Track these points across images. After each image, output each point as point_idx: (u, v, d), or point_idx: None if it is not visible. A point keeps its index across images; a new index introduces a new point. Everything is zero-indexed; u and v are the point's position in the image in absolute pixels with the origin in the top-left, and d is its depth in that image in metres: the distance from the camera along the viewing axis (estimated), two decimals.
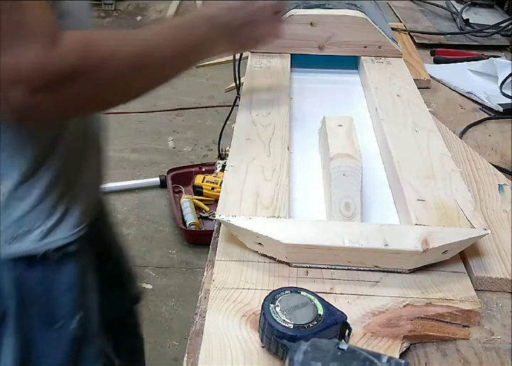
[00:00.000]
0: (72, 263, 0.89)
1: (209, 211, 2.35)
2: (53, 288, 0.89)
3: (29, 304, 0.89)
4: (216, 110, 3.22)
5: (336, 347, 0.48)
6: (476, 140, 1.03)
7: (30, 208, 0.82)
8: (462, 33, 1.52)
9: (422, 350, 0.59)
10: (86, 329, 0.94)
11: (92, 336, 0.97)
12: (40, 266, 0.85)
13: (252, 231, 0.65)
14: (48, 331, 0.91)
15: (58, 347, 0.93)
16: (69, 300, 0.91)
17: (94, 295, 0.97)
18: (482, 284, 0.67)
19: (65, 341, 0.93)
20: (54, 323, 0.91)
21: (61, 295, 0.90)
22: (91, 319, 0.96)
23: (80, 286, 0.92)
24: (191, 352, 0.57)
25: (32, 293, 0.88)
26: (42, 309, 0.90)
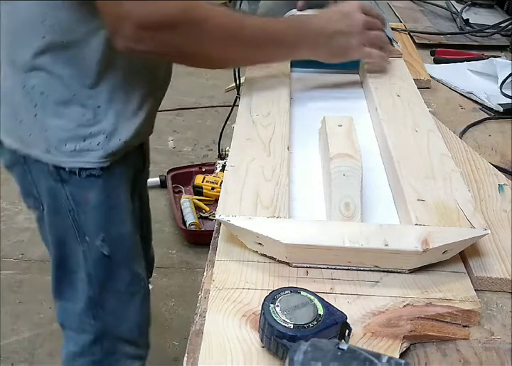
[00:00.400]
0: (103, 183, 0.98)
1: (209, 211, 2.35)
2: (83, 204, 0.98)
3: (62, 214, 1.00)
4: (216, 110, 3.22)
5: (336, 347, 0.48)
6: (476, 140, 1.03)
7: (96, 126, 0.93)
8: (462, 33, 1.52)
9: (422, 350, 0.59)
10: (116, 250, 1.03)
11: (123, 259, 1.06)
12: (77, 181, 0.96)
13: (252, 231, 0.65)
14: (79, 244, 1.01)
15: (88, 261, 1.03)
16: (95, 219, 1.00)
17: (126, 221, 1.05)
18: (482, 284, 0.67)
19: (94, 256, 1.02)
20: (83, 237, 1.01)
21: (89, 212, 0.99)
22: (121, 242, 1.04)
23: (107, 207, 1.00)
24: (191, 352, 0.57)
25: (65, 205, 0.98)
26: (74, 222, 1.00)
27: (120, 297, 1.08)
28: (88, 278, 1.05)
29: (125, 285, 1.08)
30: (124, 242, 1.05)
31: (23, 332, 1.90)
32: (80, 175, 0.95)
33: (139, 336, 1.17)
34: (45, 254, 2.16)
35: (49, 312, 1.95)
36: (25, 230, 2.35)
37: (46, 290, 2.06)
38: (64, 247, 1.03)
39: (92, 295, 1.06)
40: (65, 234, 1.01)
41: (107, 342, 1.13)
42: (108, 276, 1.05)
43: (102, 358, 1.14)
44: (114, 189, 1.00)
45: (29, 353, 1.82)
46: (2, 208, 2.48)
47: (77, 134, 0.93)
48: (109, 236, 1.01)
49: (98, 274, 1.04)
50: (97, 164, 0.95)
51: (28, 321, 1.93)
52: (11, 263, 2.18)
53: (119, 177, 1.00)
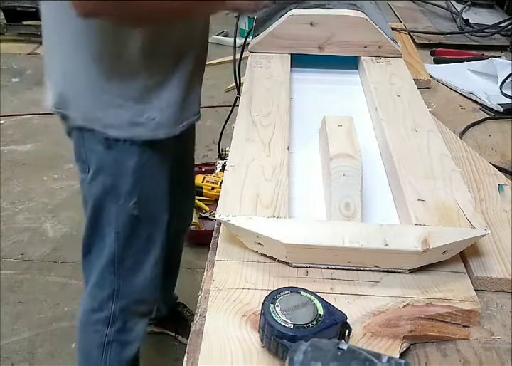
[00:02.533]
0: (142, 152, 1.09)
1: (209, 211, 2.35)
2: (122, 169, 1.11)
3: (104, 177, 1.12)
4: (216, 110, 3.22)
5: (335, 347, 0.48)
6: (476, 140, 1.03)
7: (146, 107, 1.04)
8: (462, 33, 1.52)
9: (422, 350, 0.59)
10: (144, 213, 1.16)
11: (151, 221, 1.19)
12: (121, 148, 1.08)
13: (252, 231, 0.65)
14: (114, 204, 1.14)
15: (119, 220, 1.16)
16: (131, 183, 1.12)
17: (158, 189, 1.18)
18: (482, 284, 0.67)
19: (124, 216, 1.15)
20: (118, 199, 1.13)
21: (127, 176, 1.11)
22: (149, 207, 1.17)
23: (143, 174, 1.12)
24: (191, 352, 0.57)
25: (108, 168, 1.11)
26: (113, 184, 1.13)
27: (138, 254, 1.22)
28: (116, 236, 1.18)
29: (143, 243, 1.21)
30: (153, 206, 1.19)
31: (23, 332, 1.90)
32: (125, 143, 1.07)
33: (150, 293, 1.30)
34: (45, 254, 2.17)
35: (49, 312, 1.95)
36: (25, 230, 2.35)
37: (46, 290, 2.06)
38: (100, 206, 1.16)
39: (116, 251, 1.20)
40: (104, 195, 1.14)
41: (122, 299, 1.26)
42: (132, 234, 1.19)
43: (115, 314, 1.27)
44: (152, 159, 1.12)
45: (29, 353, 1.82)
46: (2, 209, 2.48)
47: (130, 113, 1.05)
48: (141, 199, 1.14)
49: (125, 233, 1.18)
50: (144, 137, 1.07)
51: (28, 321, 1.93)
52: (11, 263, 2.18)
53: (158, 148, 1.11)
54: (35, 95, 3.39)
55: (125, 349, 1.33)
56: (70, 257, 2.19)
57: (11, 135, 3.08)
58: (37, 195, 2.59)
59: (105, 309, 1.27)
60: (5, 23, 4.29)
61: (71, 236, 2.31)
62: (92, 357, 1.33)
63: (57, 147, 2.89)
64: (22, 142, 3.03)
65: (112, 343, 1.30)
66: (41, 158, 2.86)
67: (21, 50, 4.16)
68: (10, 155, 2.89)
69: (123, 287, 1.25)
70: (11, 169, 2.78)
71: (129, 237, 1.18)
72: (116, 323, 1.28)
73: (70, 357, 1.81)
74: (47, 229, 2.35)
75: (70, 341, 1.86)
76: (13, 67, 3.87)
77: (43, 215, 2.45)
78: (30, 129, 3.15)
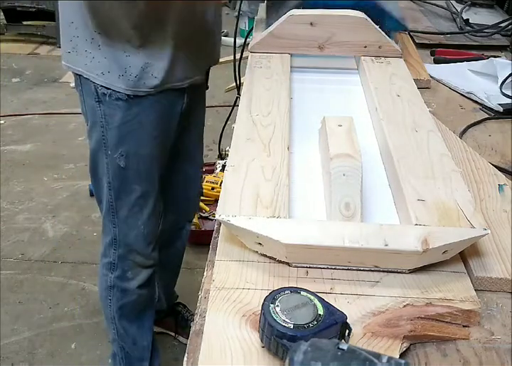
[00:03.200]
0: (128, 107, 1.19)
1: (209, 211, 2.35)
2: (109, 123, 1.21)
3: (97, 129, 1.23)
4: (216, 110, 3.22)
5: (336, 347, 0.48)
6: (476, 140, 1.03)
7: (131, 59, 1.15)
8: (462, 33, 1.52)
9: (422, 350, 0.59)
10: (131, 166, 1.25)
11: (136, 175, 1.27)
12: (109, 102, 1.19)
13: (252, 231, 0.65)
14: (104, 155, 1.25)
15: (109, 170, 1.26)
16: (117, 135, 1.22)
17: (146, 144, 1.25)
18: (482, 284, 0.67)
19: (112, 167, 1.25)
20: (107, 150, 1.24)
21: (113, 129, 1.21)
22: (136, 160, 1.25)
23: (128, 129, 1.21)
24: (191, 352, 0.57)
25: (99, 121, 1.22)
26: (103, 136, 1.23)
27: (131, 208, 1.31)
28: (108, 185, 1.28)
29: (135, 198, 1.30)
30: (139, 161, 1.26)
31: (23, 332, 1.90)
32: (111, 97, 1.18)
33: (145, 247, 1.39)
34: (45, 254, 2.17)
35: (49, 312, 1.96)
36: (25, 230, 2.35)
37: (46, 290, 2.06)
38: (95, 156, 1.28)
39: (110, 200, 1.30)
40: (97, 146, 1.25)
41: (121, 248, 1.37)
42: (122, 187, 1.28)
43: (116, 261, 1.39)
44: (138, 115, 1.21)
45: (29, 353, 1.82)
46: (2, 209, 2.48)
47: (116, 64, 1.16)
48: (127, 152, 1.23)
49: (115, 183, 1.28)
50: (127, 91, 1.17)
51: (28, 321, 1.93)
52: (11, 263, 2.18)
53: (146, 106, 1.20)
54: (35, 95, 3.40)
55: (124, 296, 1.44)
56: (70, 257, 2.19)
57: (11, 135, 3.08)
58: (37, 195, 2.59)
59: (108, 255, 1.40)
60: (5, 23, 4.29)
61: (71, 236, 2.32)
62: (102, 297, 1.49)
63: (57, 147, 2.89)
64: (22, 142, 3.03)
65: (113, 288, 1.43)
66: (41, 158, 2.86)
67: (21, 50, 4.16)
68: (10, 155, 2.89)
69: (119, 236, 1.36)
70: (11, 169, 2.78)
71: (121, 188, 1.28)
72: (116, 270, 1.41)
73: (70, 357, 1.82)
74: (47, 229, 2.35)
75: (70, 341, 1.86)
76: (13, 67, 3.87)
77: (43, 215, 2.45)
78: (30, 129, 3.15)
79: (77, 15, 1.15)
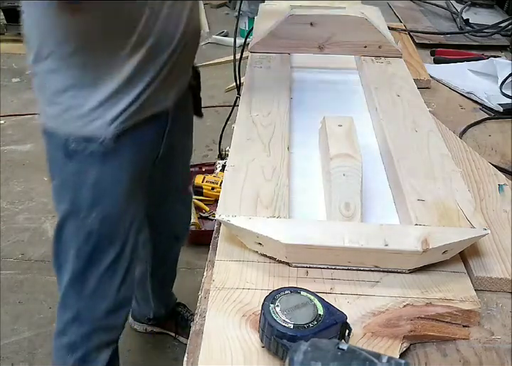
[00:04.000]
0: (103, 161, 1.00)
1: (209, 211, 2.35)
2: (82, 181, 1.02)
3: (66, 188, 1.05)
4: (216, 110, 3.21)
5: (335, 347, 0.48)
6: (476, 140, 1.03)
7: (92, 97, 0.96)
8: (462, 32, 1.52)
9: (422, 350, 0.59)
10: (108, 229, 1.07)
11: (111, 237, 1.09)
12: (81, 158, 1.00)
13: (252, 231, 0.65)
14: (74, 217, 1.06)
15: (79, 235, 1.07)
16: (91, 195, 1.03)
17: (123, 201, 1.07)
18: (482, 284, 0.67)
19: (84, 230, 1.06)
20: (78, 212, 1.05)
21: (87, 188, 1.02)
22: (113, 221, 1.07)
23: (104, 187, 1.03)
24: (191, 352, 0.57)
25: (70, 179, 1.04)
26: (73, 196, 1.04)
27: (103, 274, 1.12)
28: (77, 252, 1.09)
29: (109, 263, 1.11)
30: (114, 221, 1.08)
31: (23, 332, 1.89)
32: (83, 152, 0.99)
33: (115, 319, 1.19)
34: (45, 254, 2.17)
35: (49, 312, 1.95)
36: (25, 230, 2.35)
37: (46, 290, 2.06)
38: (63, 220, 1.09)
39: (77, 268, 1.11)
40: (66, 208, 1.07)
41: (86, 325, 1.17)
42: (94, 252, 1.09)
43: (78, 340, 1.17)
44: (115, 169, 1.02)
45: (29, 353, 1.82)
46: (2, 209, 2.48)
47: (78, 106, 0.98)
48: (102, 214, 1.05)
49: (86, 249, 1.08)
50: (99, 133, 0.98)
51: (28, 321, 1.93)
52: (11, 263, 2.18)
53: (123, 157, 1.02)
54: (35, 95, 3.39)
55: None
56: None
57: (11, 135, 3.08)
58: (37, 195, 2.58)
59: (68, 333, 1.18)
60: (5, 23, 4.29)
61: None
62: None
63: None
64: (22, 142, 3.03)
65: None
66: (41, 158, 2.84)
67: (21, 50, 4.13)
68: (10, 155, 2.89)
69: (85, 311, 1.15)
70: (11, 169, 2.77)
71: (92, 254, 1.09)
72: (76, 352, 1.18)
73: None
74: (47, 229, 2.35)
75: None
76: (13, 67, 3.87)
77: (43, 215, 2.45)
78: (30, 129, 3.15)
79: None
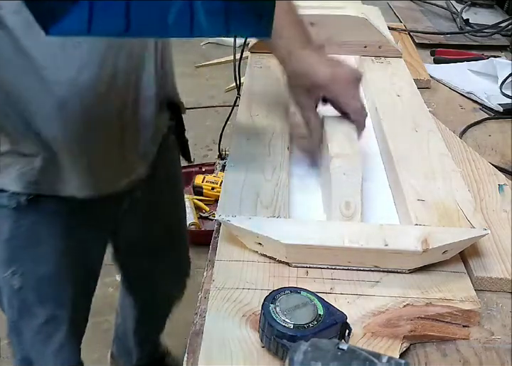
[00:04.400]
0: (18, 216, 0.88)
1: (209, 211, 2.35)
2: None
3: None
4: (216, 110, 3.22)
5: (336, 347, 0.48)
6: (476, 140, 1.03)
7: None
8: (462, 32, 1.52)
9: (422, 350, 0.59)
10: (29, 287, 0.95)
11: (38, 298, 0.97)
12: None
13: (252, 231, 0.65)
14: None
15: (3, 291, 0.97)
16: (5, 252, 0.92)
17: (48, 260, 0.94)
18: (482, 284, 0.67)
19: (6, 287, 0.96)
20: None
21: (1, 242, 0.91)
22: (37, 280, 0.95)
23: (21, 243, 0.91)
24: (191, 352, 0.57)
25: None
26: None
27: (35, 335, 1.02)
28: (8, 302, 0.99)
29: (40, 325, 1.01)
30: (41, 281, 0.96)
31: None
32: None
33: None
34: None
35: None
36: None
37: None
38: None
39: (12, 318, 1.01)
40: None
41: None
42: (21, 311, 0.99)
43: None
44: (33, 225, 0.90)
45: None
46: None
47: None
48: (22, 271, 0.93)
49: (14, 303, 0.98)
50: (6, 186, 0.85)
51: None
52: None
53: (43, 212, 0.89)
54: None
55: None
56: None
57: None
58: None
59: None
60: None
61: None
62: None
63: None
64: None
65: None
66: None
67: None
68: None
69: (31, 357, 1.05)
70: None
71: (19, 312, 0.98)
72: None
73: None
74: None
75: None
76: None
77: None
78: None
79: None
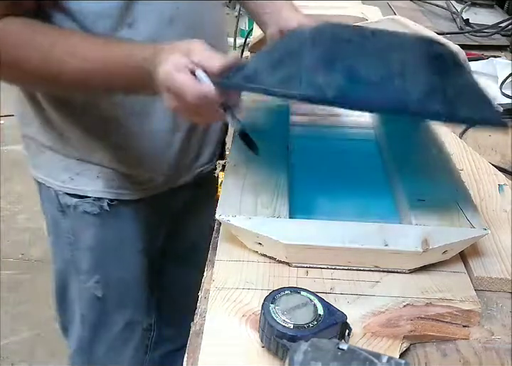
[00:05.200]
0: (102, 222, 0.89)
1: None
2: (79, 241, 0.91)
3: (62, 246, 0.94)
4: None
5: (336, 347, 0.48)
6: (476, 140, 1.03)
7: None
8: (462, 32, 1.52)
9: (422, 350, 0.59)
10: (113, 295, 0.96)
11: (118, 304, 0.98)
12: (75, 216, 0.89)
13: (252, 231, 0.65)
14: (75, 280, 0.95)
15: (82, 300, 0.97)
16: (90, 259, 0.92)
17: (128, 265, 0.96)
18: (482, 284, 0.67)
19: (87, 296, 0.96)
20: (78, 275, 0.94)
21: (84, 250, 0.92)
22: (118, 286, 0.96)
23: (105, 249, 0.92)
24: (191, 352, 0.57)
25: (66, 236, 0.92)
26: (72, 257, 0.93)
27: (112, 343, 1.01)
28: (81, 318, 0.98)
29: (117, 332, 1.00)
30: (121, 287, 0.97)
31: (23, 332, 1.90)
32: (76, 209, 0.89)
33: None
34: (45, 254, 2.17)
35: (49, 312, 1.95)
36: (25, 230, 2.35)
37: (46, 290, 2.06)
38: (63, 279, 0.98)
39: (83, 337, 1.00)
40: (65, 267, 0.96)
41: None
42: (100, 320, 0.98)
43: None
44: (117, 230, 0.91)
45: (29, 353, 1.82)
46: (2, 209, 2.48)
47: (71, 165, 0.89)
48: (105, 279, 0.94)
49: (90, 316, 0.98)
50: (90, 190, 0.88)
51: (28, 321, 1.93)
52: (11, 263, 2.18)
53: (124, 217, 0.91)
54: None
55: None
56: None
57: (11, 135, 3.08)
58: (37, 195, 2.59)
59: None
60: None
61: None
62: None
63: None
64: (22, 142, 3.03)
65: None
66: None
67: None
68: (10, 155, 2.89)
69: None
70: (11, 169, 2.77)
71: (96, 323, 0.98)
72: None
73: None
74: None
75: None
76: None
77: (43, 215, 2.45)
78: None
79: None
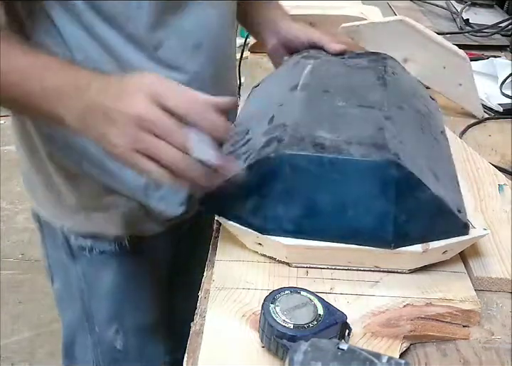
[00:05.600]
0: (119, 262, 0.82)
1: None
2: (94, 288, 0.84)
3: (72, 294, 0.85)
4: None
5: (336, 347, 0.48)
6: (476, 140, 1.03)
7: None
8: (462, 32, 1.52)
9: (422, 350, 0.59)
10: (130, 344, 0.87)
11: (138, 354, 0.89)
12: (89, 259, 0.81)
13: (252, 231, 0.65)
14: (88, 333, 0.86)
15: (98, 354, 0.88)
16: (108, 305, 0.84)
17: (148, 310, 0.88)
18: (482, 284, 0.67)
19: (104, 349, 0.86)
20: (93, 327, 0.85)
21: (101, 296, 0.84)
22: (138, 335, 0.87)
23: (124, 293, 0.84)
24: (191, 352, 0.57)
25: (76, 285, 0.84)
26: (84, 306, 0.85)
27: None
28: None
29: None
30: (141, 334, 0.89)
31: (23, 332, 1.90)
32: (92, 251, 0.81)
33: None
34: None
35: (49, 312, 1.95)
36: (25, 230, 2.35)
37: (46, 290, 2.06)
38: (72, 334, 0.89)
39: None
40: (74, 319, 0.87)
41: None
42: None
43: None
44: (135, 270, 0.84)
45: (29, 353, 1.82)
46: (2, 209, 2.48)
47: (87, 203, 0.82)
48: (125, 328, 0.86)
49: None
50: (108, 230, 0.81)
51: (28, 321, 1.93)
52: (11, 263, 2.18)
53: (141, 255, 0.84)
54: None
55: None
56: None
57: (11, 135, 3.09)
58: None
59: None
60: None
61: None
62: None
63: None
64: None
65: None
66: None
67: None
68: (10, 155, 2.89)
69: None
70: (11, 169, 2.77)
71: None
72: None
73: None
74: None
75: None
76: None
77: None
78: None
79: None
